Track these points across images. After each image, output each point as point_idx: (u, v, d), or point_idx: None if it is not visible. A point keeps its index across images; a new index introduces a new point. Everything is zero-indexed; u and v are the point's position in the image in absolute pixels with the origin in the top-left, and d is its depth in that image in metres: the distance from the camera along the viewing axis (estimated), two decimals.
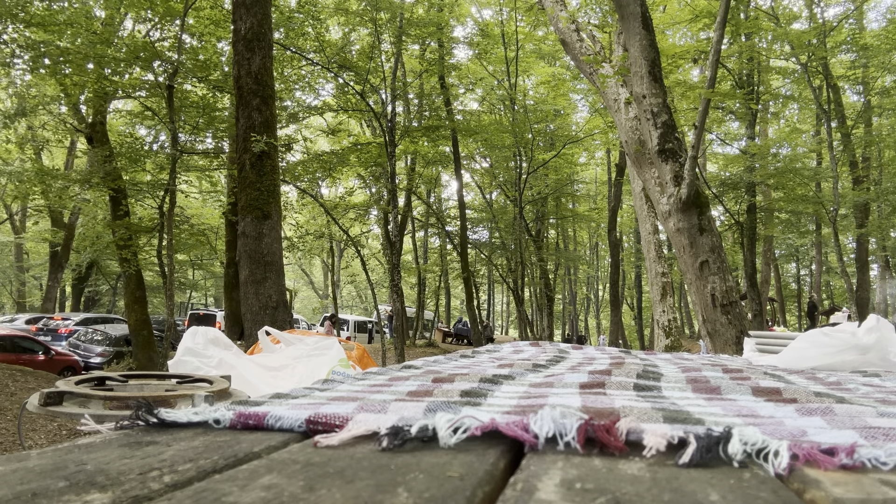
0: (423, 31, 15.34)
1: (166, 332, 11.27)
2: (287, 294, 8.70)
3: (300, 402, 0.63)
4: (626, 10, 5.85)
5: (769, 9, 16.95)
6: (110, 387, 0.79)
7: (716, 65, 5.74)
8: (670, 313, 11.59)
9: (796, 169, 16.32)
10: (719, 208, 18.97)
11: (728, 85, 16.18)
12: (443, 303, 33.80)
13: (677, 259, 6.00)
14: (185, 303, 37.22)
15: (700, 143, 6.03)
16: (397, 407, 0.57)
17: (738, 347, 5.05)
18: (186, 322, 19.87)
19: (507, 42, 18.91)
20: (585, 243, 37.59)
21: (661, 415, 0.51)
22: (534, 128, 18.66)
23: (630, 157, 6.73)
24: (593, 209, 29.60)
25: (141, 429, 0.51)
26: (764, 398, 0.70)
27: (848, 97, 21.05)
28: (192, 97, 12.94)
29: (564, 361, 1.46)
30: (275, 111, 8.35)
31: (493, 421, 0.44)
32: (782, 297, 29.37)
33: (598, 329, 40.02)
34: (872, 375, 1.09)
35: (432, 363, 1.36)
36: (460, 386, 0.79)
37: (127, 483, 0.33)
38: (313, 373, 2.08)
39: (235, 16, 8.08)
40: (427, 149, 18.74)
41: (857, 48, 16.62)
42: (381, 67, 14.99)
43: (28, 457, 0.40)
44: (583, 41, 7.96)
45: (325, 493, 0.31)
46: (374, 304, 17.18)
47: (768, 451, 0.38)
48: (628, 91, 6.54)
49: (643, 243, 13.28)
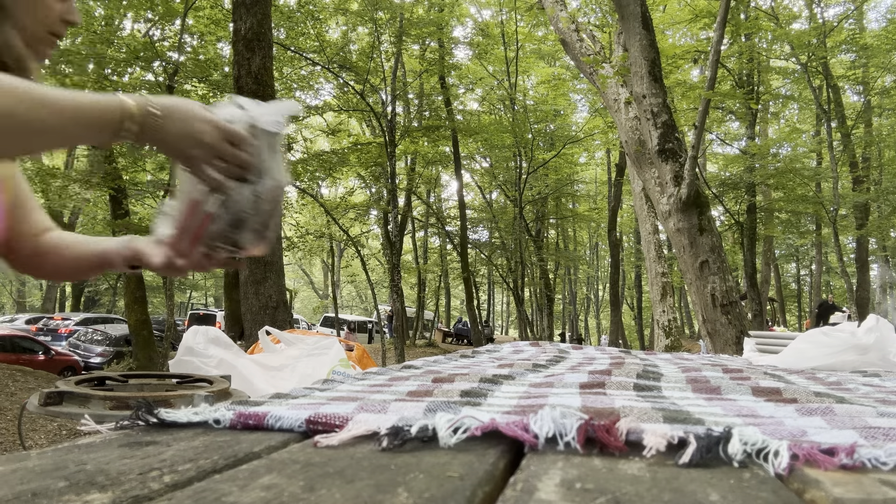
0: (424, 31, 15.34)
1: (166, 332, 11.27)
2: (287, 294, 8.70)
3: (300, 402, 0.64)
4: (626, 9, 5.85)
5: (769, 9, 16.94)
6: (110, 387, 0.79)
7: (716, 65, 5.74)
8: (670, 313, 11.59)
9: (796, 169, 16.32)
10: (719, 208, 18.98)
11: (728, 85, 16.17)
12: (443, 303, 33.81)
13: (677, 259, 6.00)
14: (185, 303, 37.24)
15: (700, 143, 6.03)
16: (397, 407, 0.58)
17: (738, 347, 5.05)
18: (186, 322, 19.87)
19: (508, 42, 18.91)
20: (585, 243, 37.59)
21: (661, 415, 0.51)
22: (534, 128, 18.66)
23: (630, 157, 6.73)
24: (593, 209, 29.59)
25: (141, 429, 0.51)
26: (764, 398, 0.70)
27: (848, 97, 21.05)
28: (193, 97, 12.94)
29: (564, 361, 1.46)
30: None
31: (493, 421, 0.44)
32: (782, 297, 29.37)
33: (598, 329, 40.02)
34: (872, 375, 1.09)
35: (432, 363, 1.36)
36: (460, 386, 0.79)
37: (127, 483, 0.33)
38: (313, 373, 2.08)
39: (235, 16, 8.07)
40: (427, 149, 18.75)
41: (856, 48, 16.62)
42: (381, 67, 14.99)
43: (28, 457, 0.40)
44: (583, 41, 7.96)
45: (326, 492, 0.31)
46: (374, 304, 17.18)
47: (768, 451, 0.38)
48: (628, 91, 6.54)
49: (643, 243, 13.29)
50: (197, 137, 0.83)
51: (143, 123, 0.80)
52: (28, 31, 0.94)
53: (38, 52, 0.98)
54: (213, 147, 0.84)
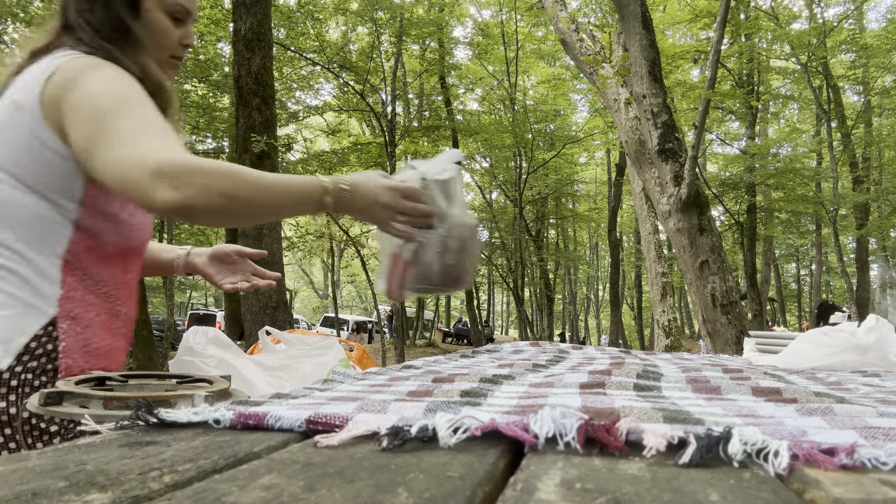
0: (424, 31, 15.33)
1: (166, 332, 11.27)
2: (287, 294, 8.69)
3: (300, 402, 0.64)
4: (625, 9, 5.85)
5: (769, 9, 16.94)
6: (110, 387, 0.79)
7: (716, 65, 5.74)
8: (670, 313, 11.58)
9: (796, 169, 16.31)
10: (719, 208, 18.97)
11: (728, 85, 16.17)
12: (443, 303, 33.81)
13: (677, 259, 6.00)
14: (185, 303, 37.23)
15: (700, 143, 6.03)
16: (397, 407, 0.58)
17: (738, 347, 5.05)
18: (186, 322, 19.87)
19: (508, 42, 18.90)
20: (585, 243, 37.58)
21: (661, 415, 0.51)
22: (534, 128, 18.65)
23: (630, 157, 6.73)
24: (593, 209, 29.58)
25: (141, 429, 0.51)
26: (764, 398, 0.70)
27: (848, 97, 21.04)
28: (193, 97, 12.94)
29: (564, 361, 1.45)
30: (275, 111, 8.34)
31: (493, 421, 0.44)
32: (782, 297, 29.37)
33: (598, 329, 40.02)
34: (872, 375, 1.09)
35: (432, 363, 1.36)
36: (460, 386, 0.79)
37: (127, 483, 0.33)
38: (314, 373, 2.08)
39: (235, 15, 8.07)
40: (427, 149, 18.73)
41: (856, 48, 16.62)
42: (381, 67, 14.99)
43: (28, 457, 0.40)
44: (583, 41, 7.96)
45: (325, 492, 0.31)
46: (374, 304, 17.18)
47: (768, 451, 0.38)
48: (628, 91, 6.54)
49: (643, 243, 13.28)
50: (379, 201, 1.00)
51: (338, 197, 0.98)
52: (155, 57, 1.07)
53: (164, 74, 1.10)
54: (394, 205, 1.01)
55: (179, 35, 1.10)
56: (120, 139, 0.89)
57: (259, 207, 0.92)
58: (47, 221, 0.98)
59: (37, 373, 0.96)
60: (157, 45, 1.08)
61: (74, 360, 1.00)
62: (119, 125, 0.90)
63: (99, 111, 0.91)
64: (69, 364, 0.99)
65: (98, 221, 1.02)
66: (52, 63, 0.97)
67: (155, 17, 1.06)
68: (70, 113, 0.93)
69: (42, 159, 0.96)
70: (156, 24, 1.06)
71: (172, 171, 0.85)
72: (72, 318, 1.00)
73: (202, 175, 0.86)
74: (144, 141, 0.89)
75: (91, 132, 0.91)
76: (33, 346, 0.96)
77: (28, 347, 0.95)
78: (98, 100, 0.92)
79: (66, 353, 0.99)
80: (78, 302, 1.01)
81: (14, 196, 0.96)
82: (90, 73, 0.95)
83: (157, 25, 1.06)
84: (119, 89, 0.94)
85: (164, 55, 1.10)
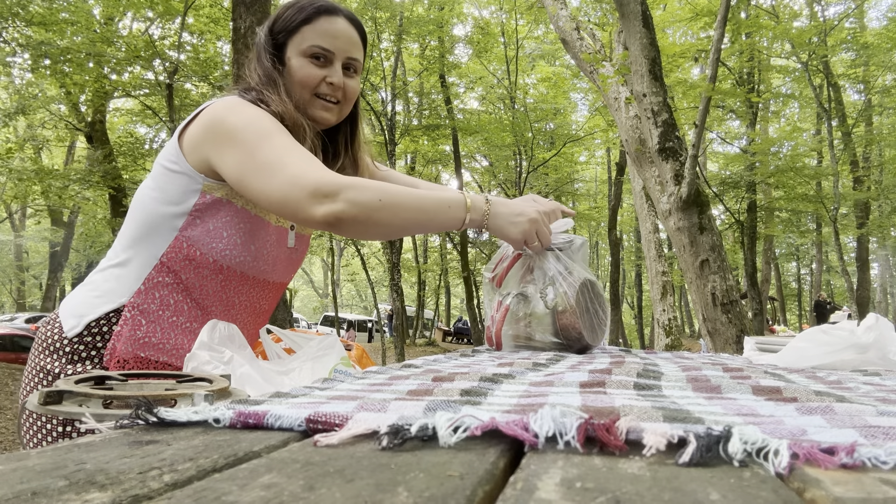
0: (424, 30, 15.32)
1: None
2: (287, 293, 8.69)
3: (300, 401, 0.63)
4: (626, 8, 5.84)
5: (770, 7, 16.92)
6: (110, 386, 0.79)
7: (716, 63, 5.73)
8: (670, 312, 11.58)
9: (797, 168, 16.31)
10: (719, 207, 18.96)
11: (729, 84, 16.16)
12: (443, 302, 33.81)
13: (677, 258, 6.00)
14: None
15: (700, 142, 6.02)
16: (397, 406, 0.57)
17: (738, 346, 5.06)
18: None
19: (508, 41, 18.89)
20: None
21: (661, 414, 0.51)
22: (534, 126, 18.64)
23: (630, 155, 6.73)
24: (593, 208, 29.56)
25: (141, 428, 0.51)
26: (764, 397, 0.70)
27: (849, 96, 21.02)
28: (193, 96, 12.94)
29: (564, 360, 1.45)
30: None
31: (493, 420, 0.44)
32: (783, 296, 29.37)
33: None
34: (873, 374, 1.09)
35: (432, 362, 1.35)
36: (460, 385, 0.79)
37: (127, 482, 0.33)
38: (315, 372, 2.08)
39: (235, 14, 8.07)
40: (427, 147, 18.73)
41: (857, 47, 16.60)
42: (380, 66, 14.97)
43: (28, 456, 0.40)
44: (583, 40, 7.95)
45: (325, 492, 0.31)
46: (374, 303, 17.17)
47: (768, 450, 0.38)
48: (629, 90, 6.53)
49: (643, 242, 13.28)
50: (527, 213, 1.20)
51: (477, 207, 1.14)
52: (296, 97, 1.20)
53: (310, 114, 1.23)
54: (541, 221, 1.22)
55: (322, 74, 1.21)
56: (272, 167, 1.02)
57: (406, 220, 1.04)
58: (162, 227, 1.13)
59: (89, 347, 1.11)
60: (300, 86, 1.21)
61: (123, 345, 1.11)
62: (266, 155, 1.03)
63: (242, 143, 1.05)
64: (115, 347, 1.10)
65: (201, 235, 1.14)
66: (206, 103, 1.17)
67: (295, 63, 1.20)
68: (215, 144, 1.08)
69: (168, 173, 1.14)
70: (296, 69, 1.20)
71: (328, 189, 0.98)
72: (140, 310, 1.12)
73: (354, 191, 0.99)
74: (294, 164, 1.02)
75: (241, 163, 1.05)
76: (94, 325, 1.11)
77: (90, 325, 1.10)
78: (241, 133, 1.06)
79: (117, 337, 1.11)
80: (155, 299, 1.14)
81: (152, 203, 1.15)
82: (233, 110, 1.11)
83: (297, 70, 1.20)
84: (259, 125, 1.07)
85: (306, 94, 1.21)
